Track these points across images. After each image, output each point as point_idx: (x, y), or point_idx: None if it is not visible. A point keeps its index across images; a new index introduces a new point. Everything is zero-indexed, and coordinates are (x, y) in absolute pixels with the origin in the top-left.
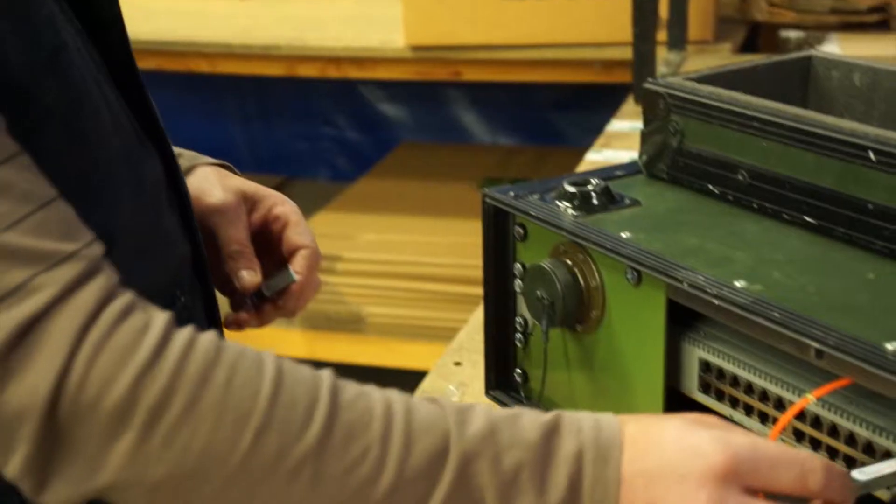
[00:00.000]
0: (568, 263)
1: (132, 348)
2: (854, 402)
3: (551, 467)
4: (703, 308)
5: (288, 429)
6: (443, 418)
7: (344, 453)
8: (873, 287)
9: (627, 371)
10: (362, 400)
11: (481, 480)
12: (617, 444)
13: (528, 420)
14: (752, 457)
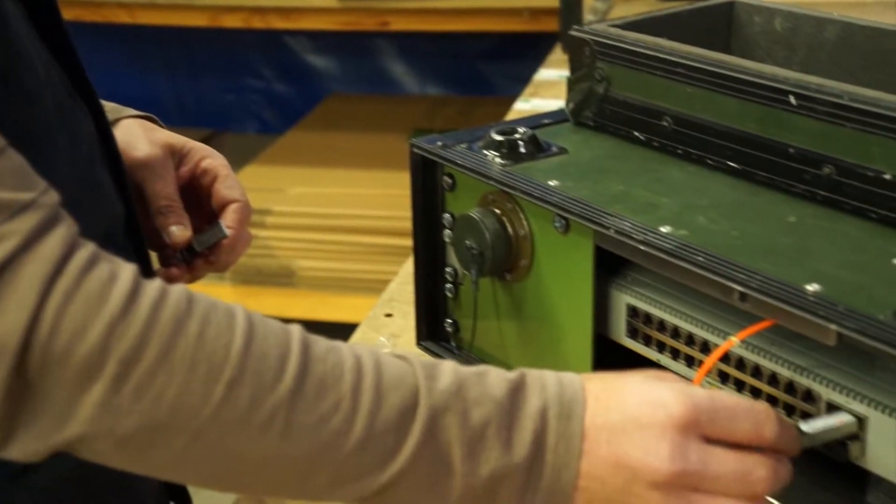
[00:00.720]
0: (496, 212)
1: (102, 298)
2: (776, 344)
3: (517, 423)
4: (629, 254)
5: (260, 380)
6: (412, 374)
7: (315, 405)
8: (794, 230)
9: (556, 318)
10: (333, 354)
11: (449, 434)
12: (580, 400)
13: (494, 377)
14: (711, 407)
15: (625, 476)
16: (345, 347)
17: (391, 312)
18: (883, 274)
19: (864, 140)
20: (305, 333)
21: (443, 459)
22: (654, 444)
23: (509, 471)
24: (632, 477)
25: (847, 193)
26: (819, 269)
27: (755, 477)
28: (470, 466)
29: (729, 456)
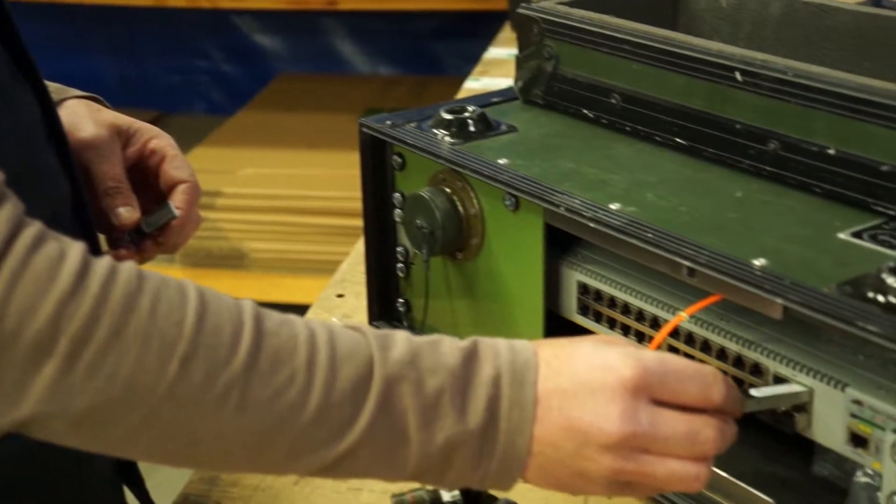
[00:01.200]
0: (447, 191)
1: (51, 277)
2: (724, 318)
3: (471, 390)
4: (579, 231)
5: (214, 356)
6: (365, 344)
7: (270, 379)
8: (741, 205)
9: (508, 296)
10: (286, 327)
11: (404, 403)
12: (532, 366)
13: (447, 345)
14: (661, 370)
15: (577, 440)
16: (298, 321)
17: (343, 293)
18: (827, 248)
19: (808, 115)
20: (258, 308)
21: (398, 428)
22: (604, 407)
23: (464, 438)
24: (584, 440)
25: (792, 168)
26: (765, 243)
27: (703, 437)
28: (425, 434)
29: (678, 417)
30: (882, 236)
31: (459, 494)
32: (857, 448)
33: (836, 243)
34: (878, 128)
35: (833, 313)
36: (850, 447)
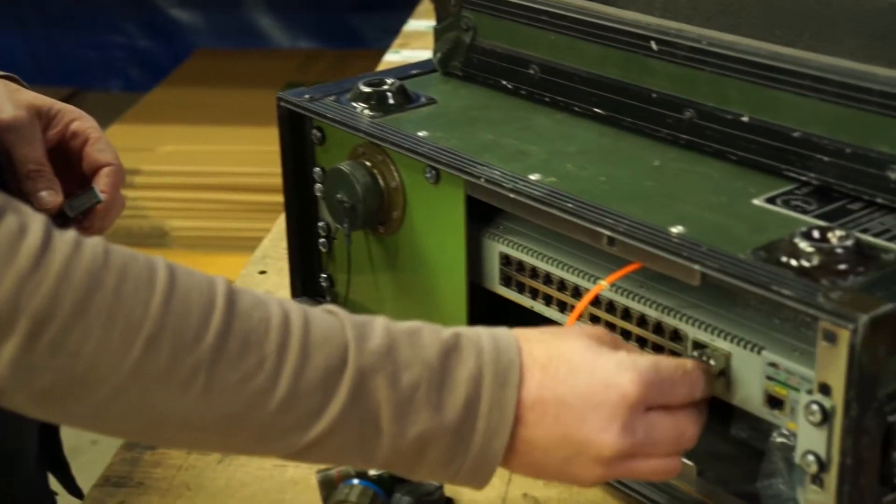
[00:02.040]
0: (367, 165)
1: (11, 253)
2: (644, 286)
3: (448, 386)
4: (500, 202)
5: (180, 337)
6: (341, 332)
7: (238, 364)
8: (659, 174)
9: (431, 269)
10: (259, 309)
11: (378, 396)
12: (515, 367)
13: (427, 337)
14: (657, 380)
15: (573, 449)
16: (273, 302)
17: (265, 269)
18: (743, 214)
19: (723, 84)
20: (231, 287)
21: (370, 420)
22: (606, 423)
23: (438, 433)
24: (578, 451)
25: (708, 136)
26: (683, 211)
27: (687, 436)
28: (398, 428)
29: (667, 421)
30: (795, 201)
31: None
32: (774, 409)
33: (751, 209)
34: (789, 95)
35: (748, 278)
36: (767, 409)
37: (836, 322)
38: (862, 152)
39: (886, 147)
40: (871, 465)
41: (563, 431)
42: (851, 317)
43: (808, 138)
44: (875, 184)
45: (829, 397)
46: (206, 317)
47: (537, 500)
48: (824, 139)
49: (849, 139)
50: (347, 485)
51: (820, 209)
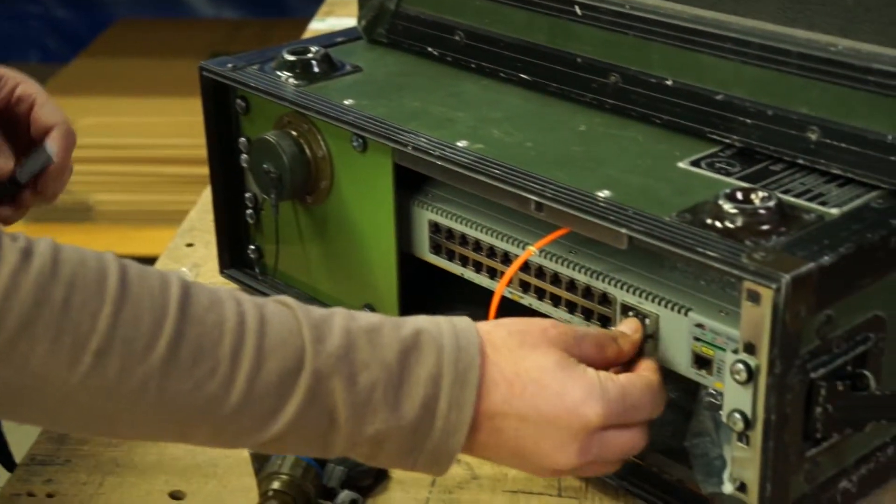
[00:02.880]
0: (293, 134)
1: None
2: (573, 251)
3: (405, 386)
4: (428, 170)
5: (130, 349)
6: (298, 333)
7: (191, 371)
8: (585, 139)
9: (360, 239)
10: (213, 312)
11: (334, 398)
12: (475, 367)
13: (387, 336)
14: (622, 407)
15: (526, 461)
16: (228, 302)
17: (192, 242)
18: (668, 177)
19: (646, 48)
20: (187, 287)
21: (327, 419)
22: (564, 445)
23: (394, 432)
24: (533, 463)
25: (632, 100)
26: (609, 175)
27: (636, 448)
28: (354, 426)
29: (622, 437)
30: (718, 164)
31: None
32: (701, 370)
33: (676, 172)
34: (711, 58)
35: (674, 241)
36: (695, 369)
37: (759, 282)
38: (783, 114)
39: (806, 108)
40: (794, 422)
41: (520, 446)
42: (774, 277)
43: (731, 101)
44: (796, 145)
45: (753, 356)
46: (157, 325)
47: (470, 465)
48: (746, 101)
49: (770, 101)
50: (280, 456)
51: (743, 171)
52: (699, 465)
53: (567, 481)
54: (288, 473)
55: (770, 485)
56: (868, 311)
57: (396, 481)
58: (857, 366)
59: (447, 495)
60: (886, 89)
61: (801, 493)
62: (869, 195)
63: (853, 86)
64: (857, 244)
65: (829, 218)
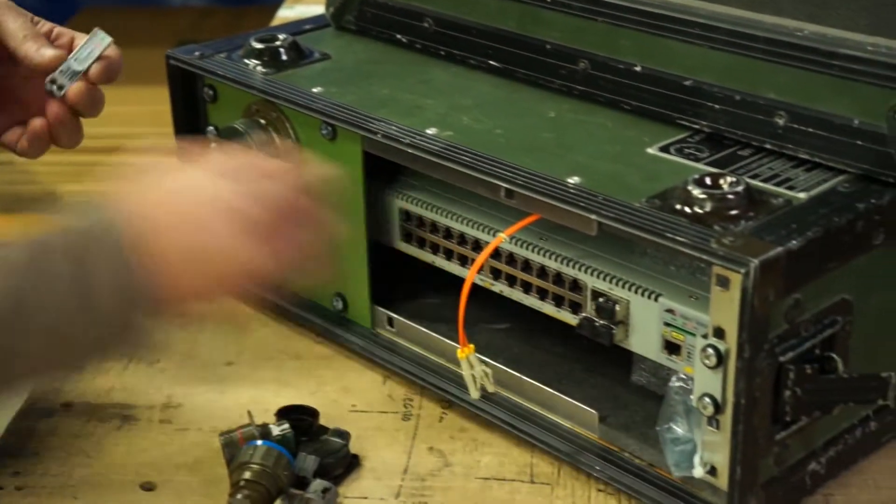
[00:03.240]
0: (262, 123)
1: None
2: (543, 237)
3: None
4: (398, 158)
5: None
6: None
7: None
8: (555, 125)
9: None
10: None
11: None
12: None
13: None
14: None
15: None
16: None
17: None
18: (637, 163)
19: (615, 34)
20: None
21: None
22: (209, 192)
23: None
24: (208, 204)
25: (601, 87)
26: (579, 161)
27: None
28: None
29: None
30: (687, 149)
31: (289, 426)
32: (671, 355)
33: (645, 158)
34: (679, 44)
35: (643, 226)
36: (665, 354)
37: (728, 267)
38: (750, 99)
39: (773, 93)
40: (763, 405)
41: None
42: (743, 261)
43: (699, 86)
44: (764, 130)
45: (723, 340)
46: None
47: (442, 452)
48: (714, 87)
49: (738, 86)
50: (251, 446)
51: (712, 156)
52: (670, 450)
53: (539, 468)
54: (259, 463)
55: (740, 468)
56: (835, 294)
57: (369, 469)
58: (825, 349)
59: (419, 482)
60: (852, 74)
61: (770, 476)
62: (836, 179)
63: (820, 71)
64: (825, 228)
65: (797, 202)
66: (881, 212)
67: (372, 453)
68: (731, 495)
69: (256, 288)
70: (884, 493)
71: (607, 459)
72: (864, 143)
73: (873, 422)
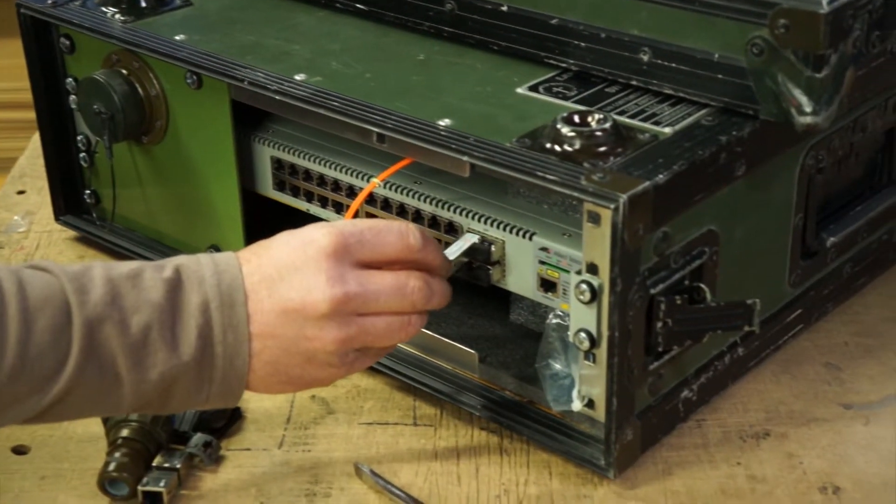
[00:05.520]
0: (123, 73)
1: None
2: (418, 181)
3: (180, 322)
4: (266, 105)
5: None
6: (59, 289)
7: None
8: (424, 68)
9: (201, 178)
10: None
11: (111, 346)
12: (239, 285)
13: (149, 278)
14: (357, 230)
15: (295, 321)
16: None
17: (24, 189)
18: (507, 103)
19: None
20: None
21: (108, 370)
22: (311, 279)
23: (179, 371)
24: (301, 319)
25: (470, 28)
26: (449, 103)
27: (410, 288)
28: (137, 373)
29: (384, 274)
30: (556, 88)
31: None
32: (547, 293)
33: (515, 98)
34: None
35: (514, 166)
36: (541, 292)
37: (598, 203)
38: (615, 36)
39: (637, 30)
40: (637, 337)
41: (279, 306)
42: (612, 197)
43: (566, 25)
44: (629, 66)
45: (596, 276)
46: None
47: (325, 400)
48: (580, 25)
49: (603, 24)
50: None
51: (579, 94)
52: (549, 386)
53: (422, 410)
54: (137, 420)
55: (616, 399)
56: (702, 225)
57: (251, 420)
58: (693, 280)
59: (303, 431)
60: (712, 9)
61: (645, 405)
62: (699, 113)
63: (681, 6)
64: (690, 161)
65: (663, 137)
66: (742, 143)
67: (254, 404)
68: (609, 426)
69: None
70: (751, 415)
71: (488, 398)
72: (725, 76)
73: (741, 348)
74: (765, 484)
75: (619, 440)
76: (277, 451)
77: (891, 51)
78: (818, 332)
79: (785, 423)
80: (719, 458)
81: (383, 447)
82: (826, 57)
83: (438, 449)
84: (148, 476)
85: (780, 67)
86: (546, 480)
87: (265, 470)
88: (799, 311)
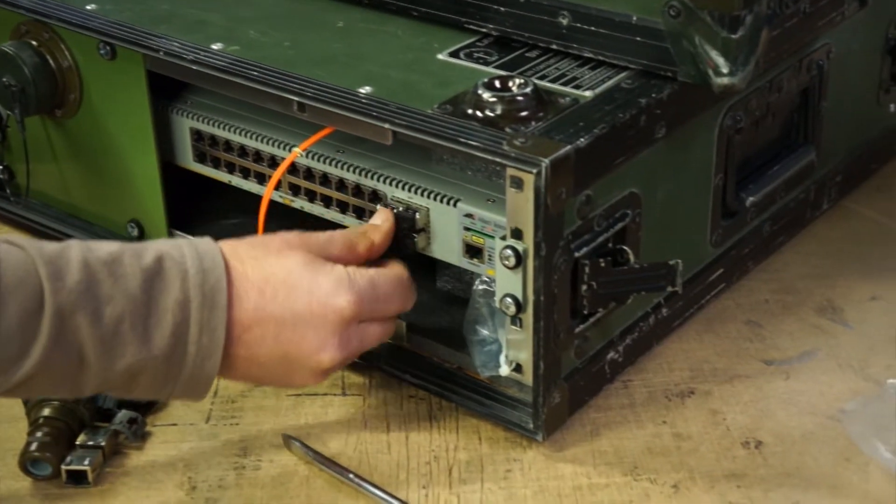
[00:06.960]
0: (34, 44)
1: None
2: (340, 150)
3: (154, 316)
4: (183, 75)
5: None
6: (33, 272)
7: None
8: (344, 35)
9: (119, 151)
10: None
11: (80, 336)
12: (223, 287)
13: (129, 265)
14: (373, 296)
15: (290, 365)
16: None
17: None
18: (428, 69)
19: None
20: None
21: (75, 358)
22: (324, 341)
23: (147, 363)
24: (297, 365)
25: None
26: (370, 71)
27: (389, 335)
28: (105, 362)
29: (377, 329)
30: (477, 53)
31: None
32: (473, 259)
33: (436, 65)
34: None
35: (436, 133)
36: (467, 259)
37: (520, 168)
38: (535, 0)
39: None
40: (562, 300)
41: (282, 350)
42: (534, 162)
43: None
44: (549, 30)
45: (520, 241)
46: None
47: None
48: None
49: None
50: None
51: (500, 59)
52: (477, 352)
53: (350, 379)
54: (58, 399)
55: (543, 363)
56: (624, 188)
57: None
58: (617, 242)
59: (230, 404)
60: None
61: (572, 368)
62: (619, 76)
63: None
64: (611, 124)
65: (584, 101)
66: (662, 105)
67: None
68: (536, 389)
69: None
70: (676, 374)
71: (417, 366)
72: (644, 39)
73: (665, 308)
74: (690, 441)
75: (547, 403)
76: (205, 426)
77: (804, 11)
78: (739, 290)
79: (709, 380)
80: (645, 418)
81: (312, 418)
82: (741, 17)
83: (368, 418)
84: (72, 455)
85: (696, 29)
86: (476, 445)
87: (192, 445)
88: (721, 270)
